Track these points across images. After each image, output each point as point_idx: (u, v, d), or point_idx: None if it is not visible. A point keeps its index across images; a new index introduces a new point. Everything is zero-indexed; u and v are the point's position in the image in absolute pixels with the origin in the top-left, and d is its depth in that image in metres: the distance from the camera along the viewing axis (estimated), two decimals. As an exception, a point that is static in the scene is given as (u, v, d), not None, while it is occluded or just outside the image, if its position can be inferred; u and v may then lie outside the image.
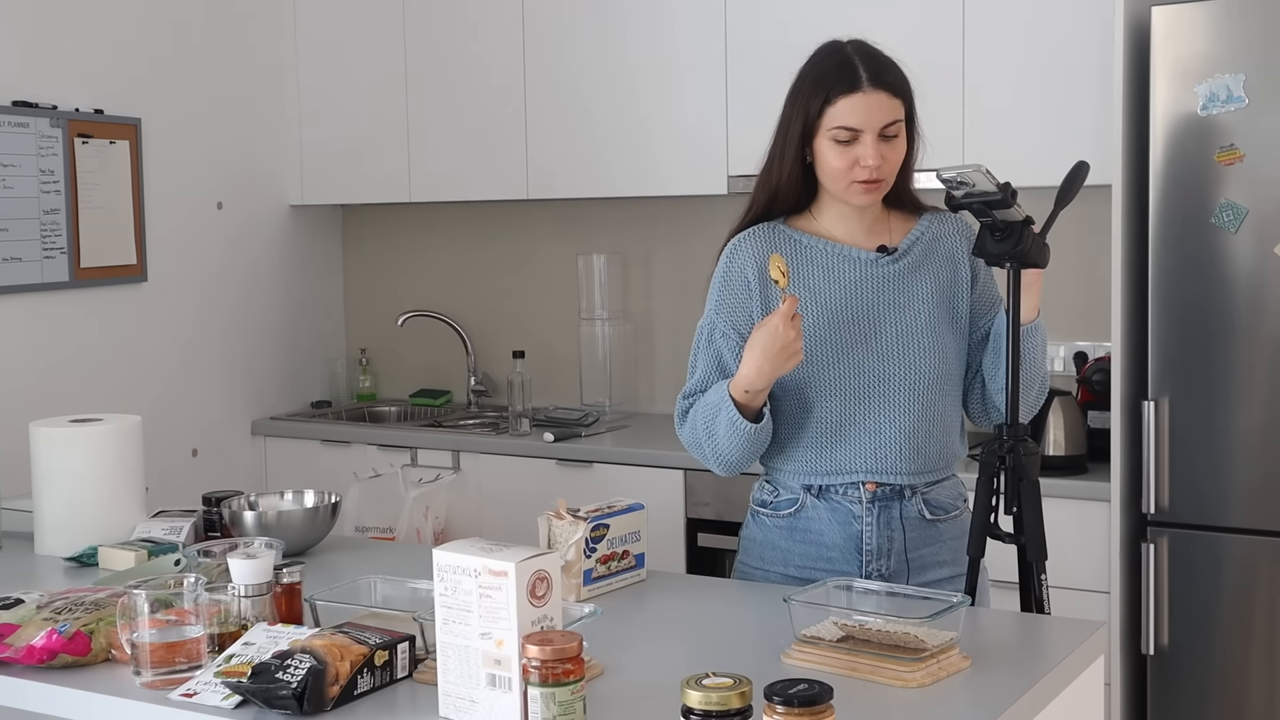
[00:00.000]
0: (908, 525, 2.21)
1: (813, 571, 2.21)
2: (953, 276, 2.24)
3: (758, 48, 3.72)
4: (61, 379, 3.83)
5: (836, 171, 2.14)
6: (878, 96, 2.11)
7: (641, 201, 4.25)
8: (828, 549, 2.22)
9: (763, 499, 2.30)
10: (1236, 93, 2.97)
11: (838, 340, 2.18)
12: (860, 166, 2.12)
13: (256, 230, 4.50)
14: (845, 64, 2.14)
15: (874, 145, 2.11)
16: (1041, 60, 3.42)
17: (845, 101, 2.11)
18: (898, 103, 2.14)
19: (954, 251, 2.24)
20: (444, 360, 4.69)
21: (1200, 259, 3.05)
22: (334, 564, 2.40)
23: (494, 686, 1.57)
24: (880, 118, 2.11)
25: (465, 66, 4.23)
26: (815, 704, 1.39)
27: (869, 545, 2.20)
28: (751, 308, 2.22)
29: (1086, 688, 1.90)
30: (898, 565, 2.20)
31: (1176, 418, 3.09)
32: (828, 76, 2.14)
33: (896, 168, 2.17)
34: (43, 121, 3.78)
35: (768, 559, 2.28)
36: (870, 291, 2.20)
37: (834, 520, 2.22)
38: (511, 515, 3.73)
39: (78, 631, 1.84)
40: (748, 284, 2.23)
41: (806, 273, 2.22)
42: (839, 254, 2.22)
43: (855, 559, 2.21)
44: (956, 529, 2.26)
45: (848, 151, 2.12)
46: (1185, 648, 3.12)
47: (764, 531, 2.29)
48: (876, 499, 2.20)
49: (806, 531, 2.24)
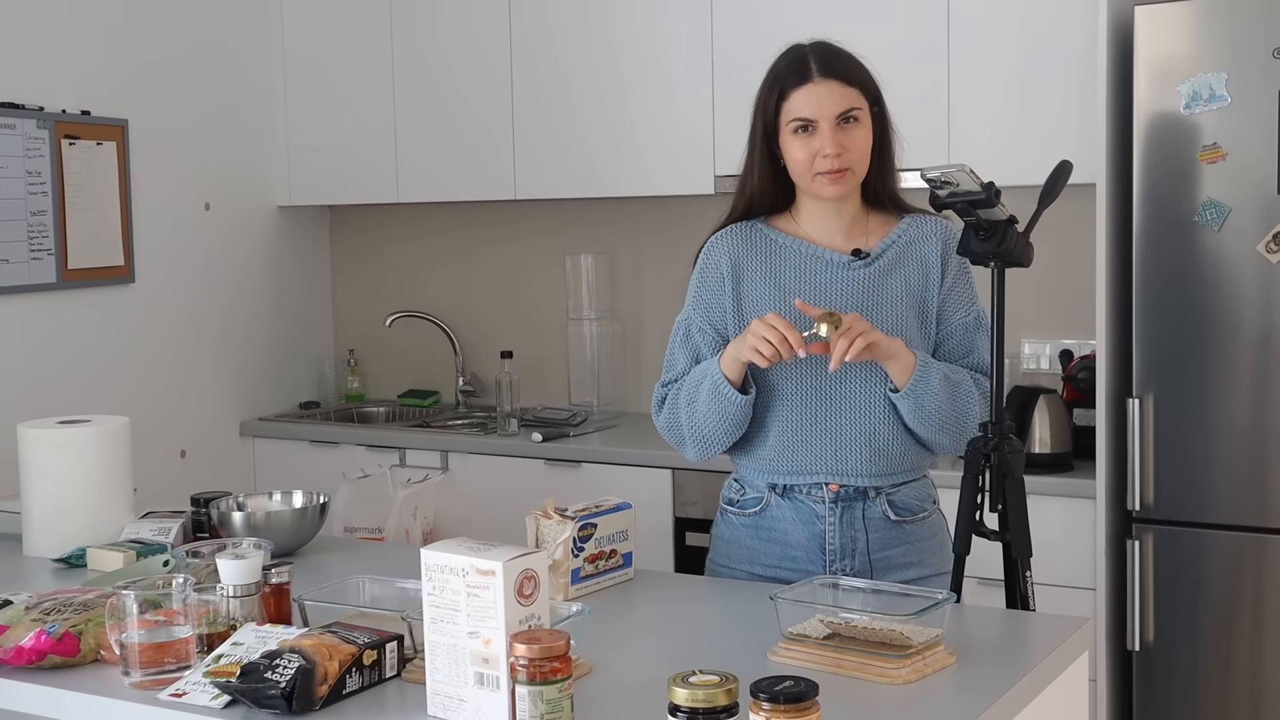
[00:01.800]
0: (871, 526, 2.22)
1: (778, 570, 2.24)
2: (924, 280, 2.24)
3: (744, 47, 3.73)
4: (49, 380, 3.83)
5: (800, 165, 2.17)
6: (828, 85, 2.13)
7: (629, 202, 4.26)
8: (792, 548, 2.24)
9: (730, 497, 2.33)
10: (1219, 92, 2.99)
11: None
12: (821, 157, 2.14)
13: (244, 231, 4.50)
14: (797, 59, 2.18)
15: (831, 133, 2.13)
16: (1025, 60, 3.43)
17: (797, 94, 2.15)
18: (852, 91, 2.15)
19: (928, 255, 2.24)
20: (432, 360, 4.70)
21: (1183, 257, 3.07)
22: (322, 564, 2.41)
23: (482, 685, 1.57)
24: (833, 107, 2.13)
25: (452, 67, 4.23)
26: (801, 700, 1.40)
27: (832, 545, 2.22)
28: (726, 304, 2.26)
29: (1071, 683, 1.92)
30: (861, 566, 2.21)
31: (1161, 415, 3.11)
32: (781, 73, 2.18)
33: (862, 156, 2.18)
34: (29, 123, 3.77)
35: (734, 557, 2.30)
36: (840, 294, 2.22)
37: (798, 520, 2.23)
38: (500, 515, 3.72)
39: (66, 632, 1.85)
40: (722, 280, 2.26)
41: (779, 272, 2.24)
42: (812, 255, 2.24)
43: (819, 558, 2.22)
44: (924, 531, 2.26)
45: (808, 143, 2.15)
46: (1170, 643, 3.14)
47: (731, 530, 2.31)
48: (840, 499, 2.21)
49: (771, 530, 2.26)
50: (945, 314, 2.25)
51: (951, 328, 2.25)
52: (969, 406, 2.19)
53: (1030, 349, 3.75)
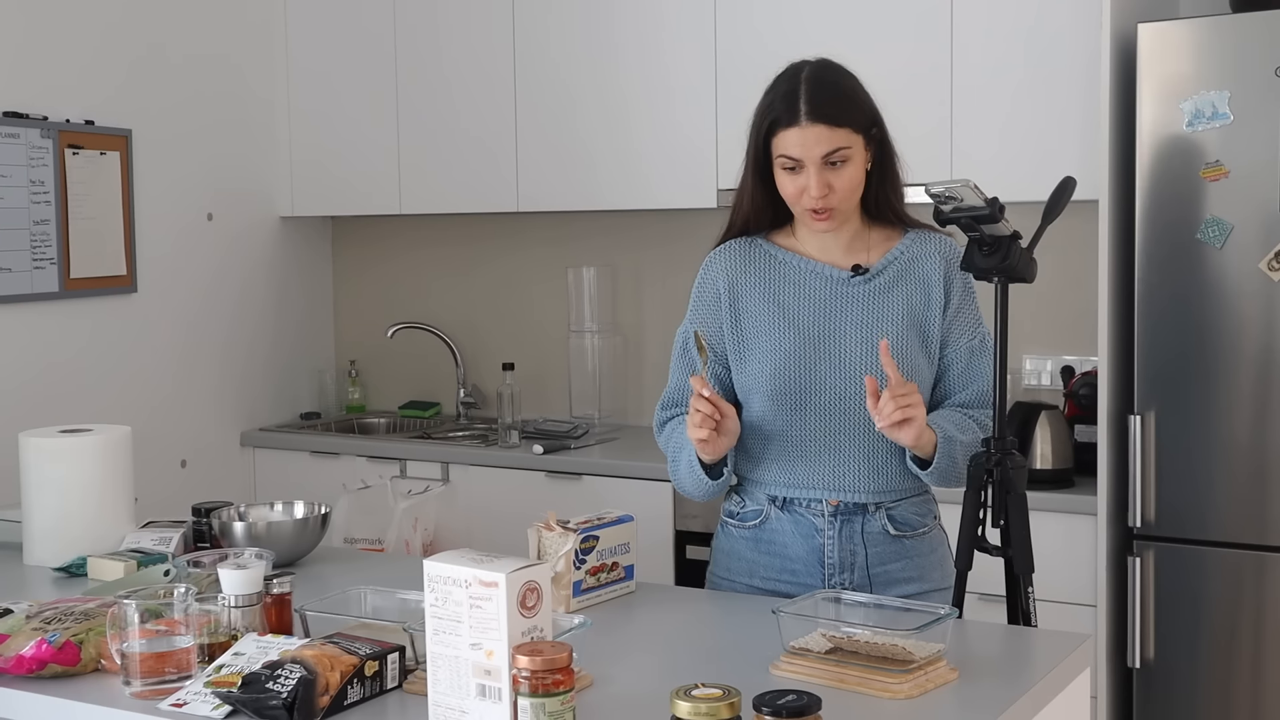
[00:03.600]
0: (870, 540, 2.22)
1: (776, 583, 2.24)
2: (925, 299, 2.23)
3: (747, 61, 3.74)
4: (50, 389, 3.83)
5: (789, 197, 2.19)
6: (815, 130, 2.12)
7: (631, 215, 4.26)
8: (791, 561, 2.24)
9: (730, 509, 2.33)
10: (1221, 109, 2.99)
11: (803, 356, 2.20)
12: (807, 195, 2.15)
13: (246, 242, 4.50)
14: (790, 94, 2.15)
15: (817, 176, 2.13)
16: (1028, 76, 3.44)
17: (784, 134, 2.14)
18: (841, 132, 2.13)
19: (928, 274, 2.23)
20: (433, 372, 4.70)
21: (1186, 274, 3.07)
22: (324, 575, 2.40)
23: (484, 697, 1.57)
24: (819, 150, 2.12)
25: (456, 78, 4.24)
26: (804, 715, 1.40)
27: (831, 559, 2.22)
28: (721, 319, 2.27)
29: (1073, 700, 1.91)
30: (860, 580, 2.21)
31: (1163, 432, 3.11)
32: (773, 107, 2.17)
33: (849, 195, 2.17)
34: (33, 132, 3.78)
35: (734, 569, 2.30)
36: (839, 310, 2.22)
37: (797, 533, 2.23)
38: (500, 527, 3.72)
39: (67, 641, 1.85)
40: (719, 296, 2.27)
41: (778, 288, 2.24)
42: (811, 271, 2.24)
43: (819, 572, 2.22)
44: (924, 546, 2.26)
45: (795, 179, 2.16)
46: (1171, 661, 3.14)
47: (731, 541, 2.32)
48: (839, 513, 2.21)
49: (771, 543, 2.26)
50: (950, 338, 2.24)
51: (957, 352, 2.24)
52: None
53: (1031, 365, 3.75)
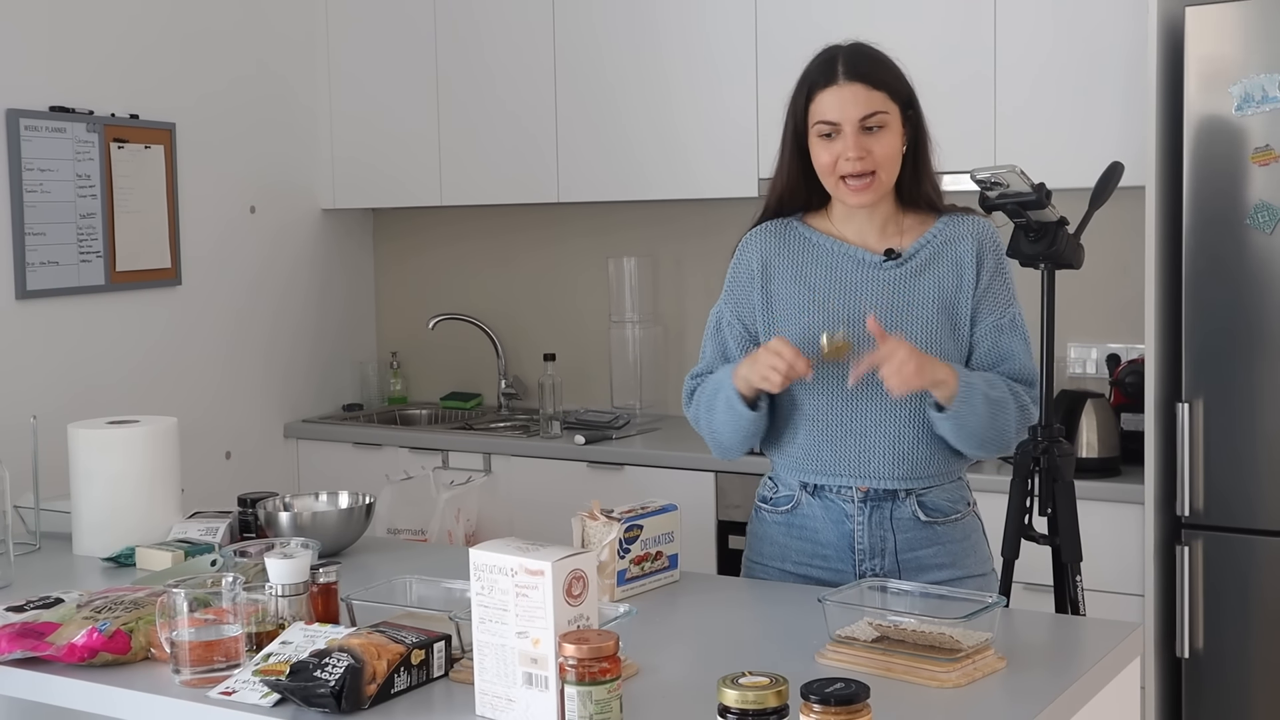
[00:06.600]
0: (900, 526, 2.20)
1: (808, 568, 2.24)
2: (957, 280, 2.21)
3: (789, 48, 3.69)
4: (98, 381, 3.86)
5: (824, 168, 2.17)
6: (853, 89, 2.12)
7: (672, 204, 4.26)
8: (822, 546, 2.24)
9: (764, 494, 2.34)
10: (1272, 93, 2.95)
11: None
12: (844, 160, 2.13)
13: (289, 234, 4.52)
14: (827, 61, 2.17)
15: (854, 137, 2.12)
16: (1073, 61, 3.40)
17: (822, 96, 2.14)
18: (879, 95, 2.13)
19: (961, 255, 2.20)
20: (475, 363, 4.71)
21: (1234, 260, 3.03)
22: (368, 564, 2.42)
23: (530, 685, 1.57)
24: (856, 110, 2.12)
25: (496, 70, 4.24)
26: (852, 703, 1.40)
27: (861, 545, 2.21)
28: (755, 299, 2.27)
29: (1122, 690, 1.90)
30: (890, 566, 2.20)
31: (1210, 420, 3.07)
32: (810, 74, 2.18)
33: (888, 162, 2.15)
34: (79, 126, 3.81)
35: (767, 554, 2.31)
36: (871, 294, 2.20)
37: (828, 518, 2.23)
38: (542, 517, 3.72)
39: (118, 630, 1.86)
40: (753, 276, 2.28)
41: (809, 270, 2.24)
42: (844, 254, 2.23)
43: (849, 557, 2.22)
44: (957, 532, 2.24)
45: (831, 146, 2.15)
46: (1220, 651, 3.10)
47: (764, 526, 2.32)
48: (868, 499, 2.20)
49: (803, 529, 2.26)
50: (979, 316, 2.21)
51: (985, 330, 2.21)
52: (1008, 425, 2.16)
53: (1076, 352, 3.71)
